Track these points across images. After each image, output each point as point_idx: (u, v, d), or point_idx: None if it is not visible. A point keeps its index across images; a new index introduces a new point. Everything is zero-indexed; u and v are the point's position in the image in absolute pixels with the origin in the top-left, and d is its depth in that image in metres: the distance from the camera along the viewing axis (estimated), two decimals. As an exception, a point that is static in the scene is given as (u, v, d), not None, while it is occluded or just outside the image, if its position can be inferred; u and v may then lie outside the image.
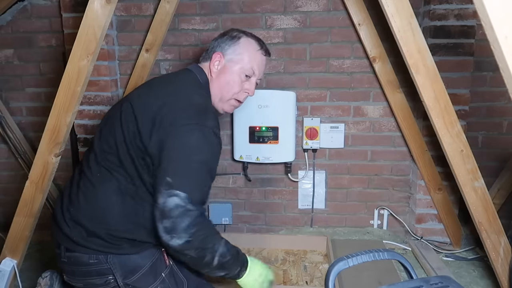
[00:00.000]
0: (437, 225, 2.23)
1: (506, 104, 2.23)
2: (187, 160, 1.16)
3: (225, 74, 1.39)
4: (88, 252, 1.22)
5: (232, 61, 1.39)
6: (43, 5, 2.28)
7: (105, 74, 2.18)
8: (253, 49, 1.42)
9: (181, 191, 1.12)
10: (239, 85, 1.40)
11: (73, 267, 1.26)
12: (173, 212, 1.11)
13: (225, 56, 1.39)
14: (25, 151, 2.39)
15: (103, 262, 1.22)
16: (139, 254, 1.25)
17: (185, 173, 1.15)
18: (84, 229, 1.23)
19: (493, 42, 0.71)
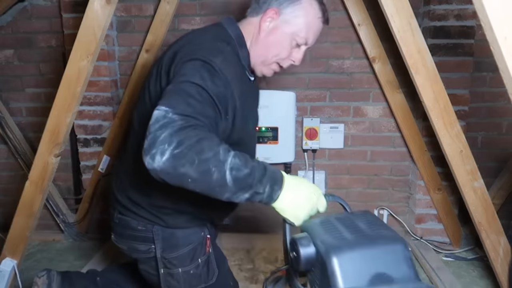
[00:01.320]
0: (437, 225, 2.23)
1: (505, 104, 2.23)
2: (179, 83, 1.01)
3: (276, 35, 1.22)
4: (137, 219, 1.26)
5: (287, 23, 1.21)
6: (43, 5, 2.28)
7: (105, 74, 2.18)
8: (314, 15, 1.24)
9: (164, 106, 0.93)
10: (288, 50, 1.25)
11: (122, 229, 1.31)
12: (153, 126, 0.89)
13: (281, 14, 1.20)
14: (25, 152, 2.39)
15: (149, 230, 1.25)
16: (184, 231, 1.26)
17: (173, 92, 0.99)
18: (130, 198, 1.27)
19: (492, 42, 0.71)
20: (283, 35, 1.22)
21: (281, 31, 1.22)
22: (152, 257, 1.29)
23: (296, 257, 0.85)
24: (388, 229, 0.88)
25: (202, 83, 1.00)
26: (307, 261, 0.83)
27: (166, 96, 0.97)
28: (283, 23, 1.21)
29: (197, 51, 1.09)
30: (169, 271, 1.29)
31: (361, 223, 0.89)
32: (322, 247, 0.81)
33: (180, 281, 1.30)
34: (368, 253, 0.80)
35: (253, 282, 1.83)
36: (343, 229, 0.86)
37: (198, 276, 1.31)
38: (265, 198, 0.96)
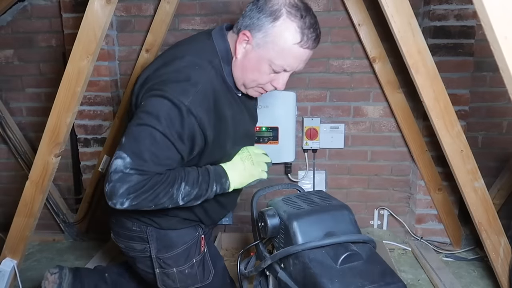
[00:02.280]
0: (437, 225, 2.23)
1: (506, 104, 2.22)
2: (142, 125, 1.03)
3: (250, 61, 1.13)
4: (131, 220, 1.28)
5: (260, 47, 1.10)
6: (43, 5, 2.28)
7: (105, 74, 2.18)
8: (289, 41, 1.07)
9: (126, 154, 1.01)
10: (267, 75, 1.15)
11: (119, 228, 1.33)
12: (113, 176, 1.01)
13: (253, 38, 1.09)
14: (25, 152, 2.38)
15: (143, 231, 1.27)
16: (178, 232, 1.28)
17: (135, 137, 1.04)
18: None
19: (492, 42, 0.71)
20: (257, 60, 1.12)
21: (255, 56, 1.11)
22: (148, 257, 1.31)
23: (264, 226, 1.03)
24: (336, 200, 1.10)
25: (165, 130, 1.03)
26: (273, 228, 1.01)
27: (127, 141, 1.04)
28: (256, 48, 1.10)
29: (168, 83, 1.07)
30: (164, 271, 1.30)
31: (315, 198, 1.09)
32: (285, 216, 1.00)
33: (175, 281, 1.31)
34: (321, 217, 1.00)
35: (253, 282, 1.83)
36: (301, 203, 1.06)
37: (194, 276, 1.32)
38: (220, 192, 1.19)
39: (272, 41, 1.08)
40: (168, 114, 1.03)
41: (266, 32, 1.07)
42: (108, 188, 1.02)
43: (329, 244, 0.94)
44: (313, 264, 0.90)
